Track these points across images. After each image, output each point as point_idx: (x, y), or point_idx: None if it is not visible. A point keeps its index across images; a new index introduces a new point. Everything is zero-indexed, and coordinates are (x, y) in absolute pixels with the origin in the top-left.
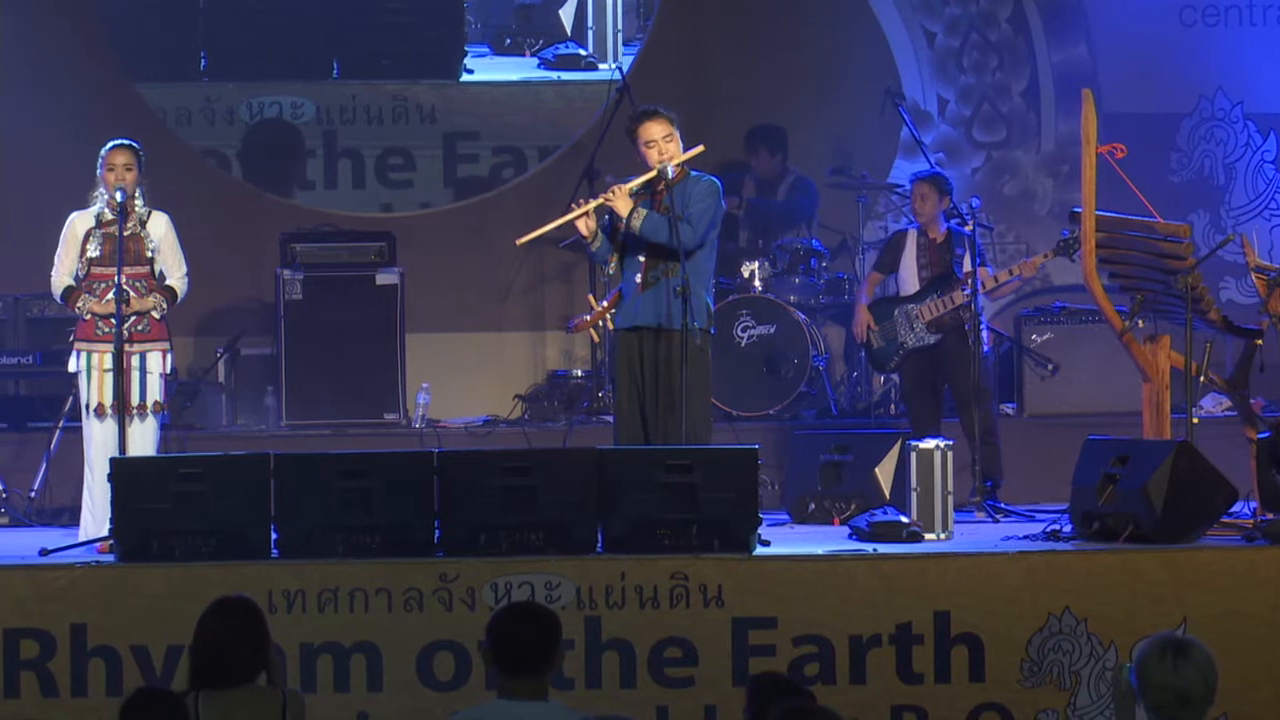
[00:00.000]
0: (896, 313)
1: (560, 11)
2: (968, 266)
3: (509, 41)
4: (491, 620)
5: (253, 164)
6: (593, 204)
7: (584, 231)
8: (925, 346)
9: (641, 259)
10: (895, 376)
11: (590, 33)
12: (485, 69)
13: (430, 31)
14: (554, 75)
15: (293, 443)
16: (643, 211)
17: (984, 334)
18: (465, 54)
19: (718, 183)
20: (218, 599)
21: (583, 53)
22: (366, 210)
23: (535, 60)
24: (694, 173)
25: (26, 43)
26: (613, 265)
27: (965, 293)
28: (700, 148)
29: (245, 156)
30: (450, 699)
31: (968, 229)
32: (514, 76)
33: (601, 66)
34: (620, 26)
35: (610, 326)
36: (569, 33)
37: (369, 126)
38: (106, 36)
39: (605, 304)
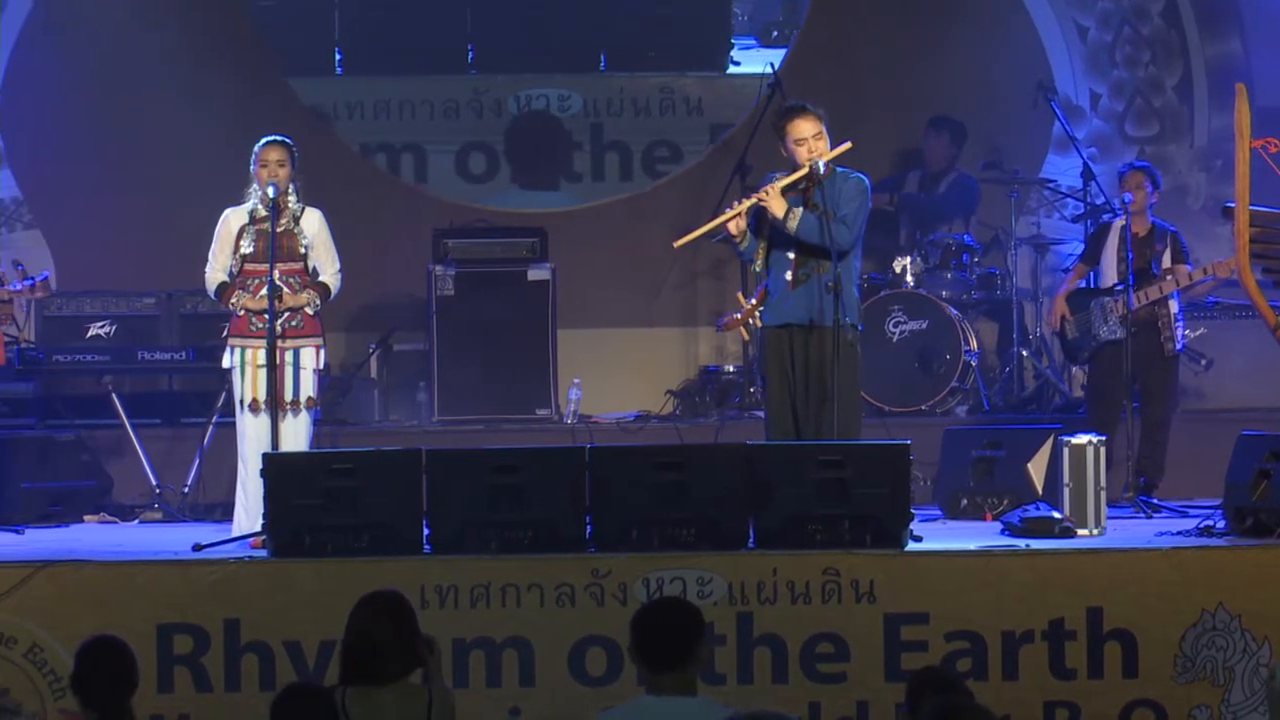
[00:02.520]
0: (1093, 304)
1: None
2: (1166, 263)
3: (775, 34)
4: (634, 618)
5: (518, 158)
6: (747, 204)
7: (733, 232)
8: (1117, 340)
9: (790, 256)
10: (1066, 371)
11: None
12: (751, 61)
13: (697, 24)
14: None
15: (444, 438)
16: (798, 212)
17: (1179, 332)
18: (732, 46)
19: (866, 180)
20: (368, 594)
21: None
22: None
23: None
24: (839, 169)
25: (182, 41)
26: (759, 262)
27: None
28: (848, 144)
29: (510, 150)
30: (602, 695)
31: (1172, 226)
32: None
33: None
34: None
35: (758, 324)
36: None
37: (635, 119)
38: (258, 32)
39: (753, 301)
